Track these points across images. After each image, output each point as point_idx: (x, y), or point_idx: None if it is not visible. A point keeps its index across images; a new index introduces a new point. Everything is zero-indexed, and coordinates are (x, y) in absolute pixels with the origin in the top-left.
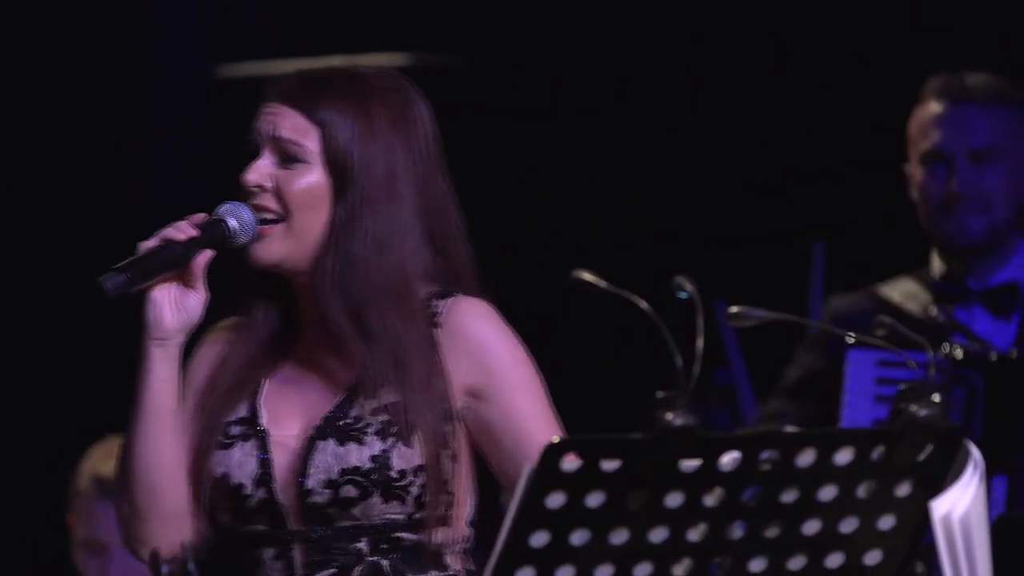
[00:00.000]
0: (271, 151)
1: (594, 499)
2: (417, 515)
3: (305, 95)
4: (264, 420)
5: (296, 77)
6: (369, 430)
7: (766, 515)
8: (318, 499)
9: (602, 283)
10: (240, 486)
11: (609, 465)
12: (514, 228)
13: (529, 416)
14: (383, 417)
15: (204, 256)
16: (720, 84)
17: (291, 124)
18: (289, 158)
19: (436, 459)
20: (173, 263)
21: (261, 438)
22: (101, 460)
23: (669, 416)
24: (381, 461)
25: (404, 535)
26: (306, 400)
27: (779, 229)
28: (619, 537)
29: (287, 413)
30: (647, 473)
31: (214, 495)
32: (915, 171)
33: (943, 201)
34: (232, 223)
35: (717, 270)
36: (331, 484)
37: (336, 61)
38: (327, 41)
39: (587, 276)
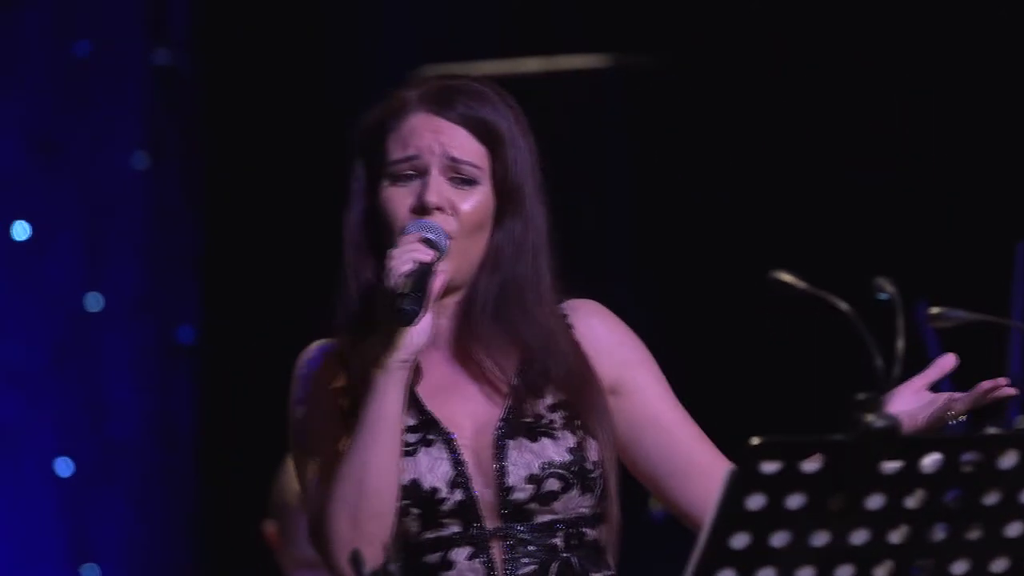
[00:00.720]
0: (441, 170)
1: (794, 501)
2: (597, 510)
3: (474, 112)
4: (445, 425)
5: (456, 91)
6: (555, 426)
7: (968, 517)
8: (520, 495)
9: (802, 284)
10: (435, 490)
11: (810, 467)
12: (714, 228)
13: (668, 408)
14: (562, 413)
15: (440, 277)
16: (917, 80)
17: (462, 143)
18: (463, 178)
19: (607, 453)
20: (429, 285)
21: (448, 442)
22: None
23: (870, 417)
24: (578, 453)
25: (587, 530)
26: (471, 404)
27: (981, 228)
28: (820, 539)
29: (458, 417)
30: (848, 475)
31: (402, 503)
32: None
33: None
34: (442, 242)
35: (918, 270)
36: (533, 479)
37: (537, 63)
38: (529, 43)
39: (786, 277)
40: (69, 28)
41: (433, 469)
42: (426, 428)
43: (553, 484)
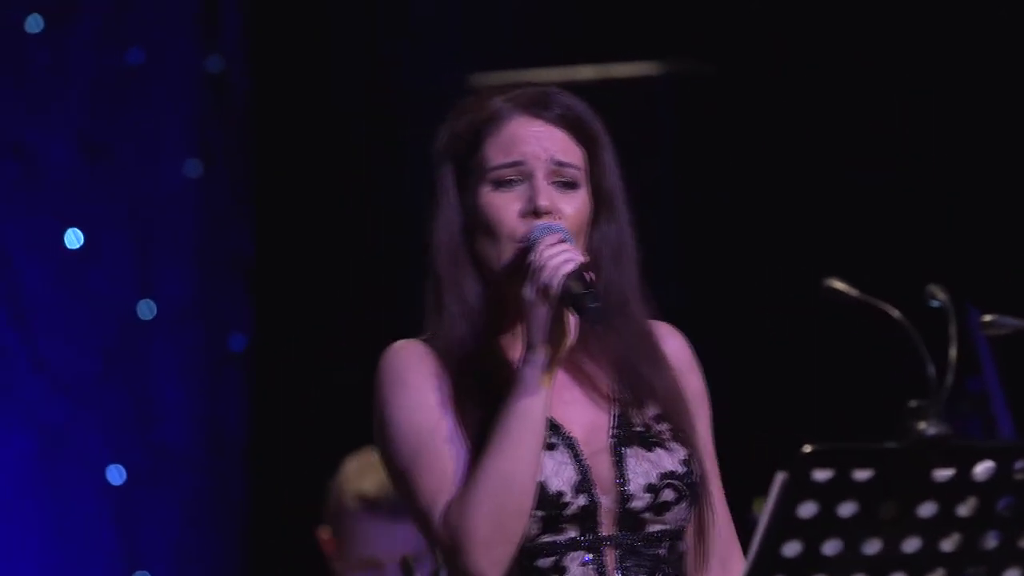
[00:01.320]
0: (546, 175)
1: (846, 509)
2: (687, 524)
3: (570, 112)
4: (566, 429)
5: (549, 94)
6: (665, 437)
7: (1020, 525)
8: (638, 503)
9: (854, 292)
10: (560, 493)
11: (862, 474)
12: (766, 235)
13: (711, 458)
14: (667, 425)
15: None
16: (983, 87)
17: (565, 146)
18: (565, 182)
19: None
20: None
21: (571, 446)
22: (360, 476)
23: (922, 425)
24: (690, 465)
25: (680, 543)
26: (579, 409)
27: None
28: (872, 547)
29: (569, 422)
30: (900, 482)
31: None
32: None
33: None
34: (572, 243)
35: (970, 278)
36: (651, 488)
37: (590, 71)
38: (578, 50)
39: (840, 285)
40: (122, 36)
41: (559, 473)
42: (546, 431)
43: (668, 495)
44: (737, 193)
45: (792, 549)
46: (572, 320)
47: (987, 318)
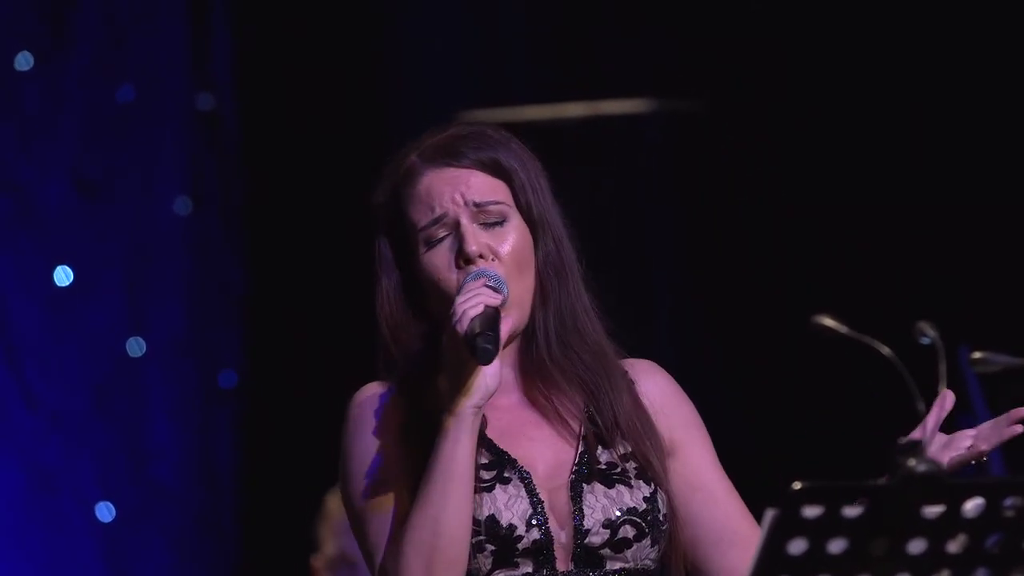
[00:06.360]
0: (470, 218)
1: (836, 545)
2: (658, 565)
3: (480, 152)
4: (522, 463)
5: (455, 139)
6: (629, 474)
7: (1010, 562)
8: (595, 539)
9: (844, 328)
10: (512, 527)
11: (851, 511)
12: (756, 272)
13: (717, 477)
14: (634, 463)
15: (507, 323)
16: (962, 120)
17: (481, 185)
18: (493, 219)
19: (672, 507)
20: (499, 327)
21: (524, 479)
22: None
23: (912, 462)
24: (652, 503)
25: None
26: (541, 446)
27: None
28: None
29: (529, 458)
30: (890, 519)
31: (477, 538)
32: None
33: None
34: (503, 288)
35: (961, 315)
36: (609, 524)
37: (580, 108)
38: (567, 88)
39: (829, 321)
40: (112, 73)
41: (511, 505)
42: (501, 466)
43: (628, 531)
44: (726, 229)
45: None
46: (496, 365)
47: (977, 355)
